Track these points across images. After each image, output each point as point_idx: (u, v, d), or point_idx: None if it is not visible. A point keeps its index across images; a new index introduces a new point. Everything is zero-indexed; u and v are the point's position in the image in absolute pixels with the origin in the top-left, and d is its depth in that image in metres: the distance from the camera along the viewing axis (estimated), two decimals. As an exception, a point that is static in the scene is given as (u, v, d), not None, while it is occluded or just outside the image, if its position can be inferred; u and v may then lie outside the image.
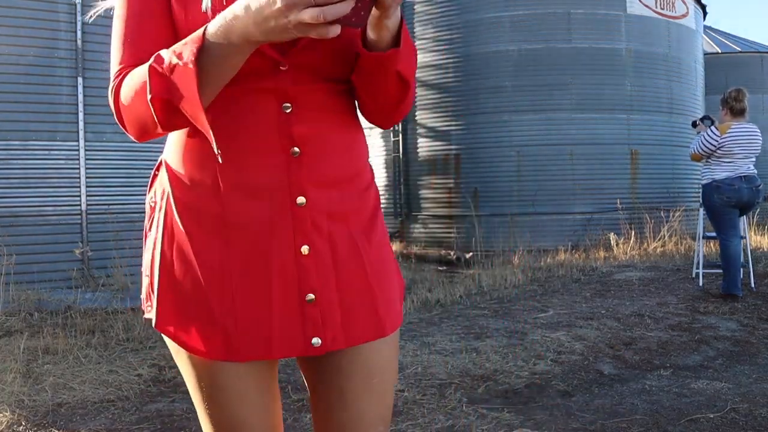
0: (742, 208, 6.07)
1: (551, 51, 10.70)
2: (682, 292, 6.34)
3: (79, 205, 6.55)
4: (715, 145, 5.90)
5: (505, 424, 3.16)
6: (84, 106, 6.55)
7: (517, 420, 3.22)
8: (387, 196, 11.88)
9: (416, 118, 11.43)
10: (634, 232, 9.62)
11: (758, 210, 10.09)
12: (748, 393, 3.59)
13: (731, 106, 6.04)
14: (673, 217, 10.00)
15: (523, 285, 6.93)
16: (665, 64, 11.30)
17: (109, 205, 6.60)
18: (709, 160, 6.03)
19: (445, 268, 9.53)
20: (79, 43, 6.55)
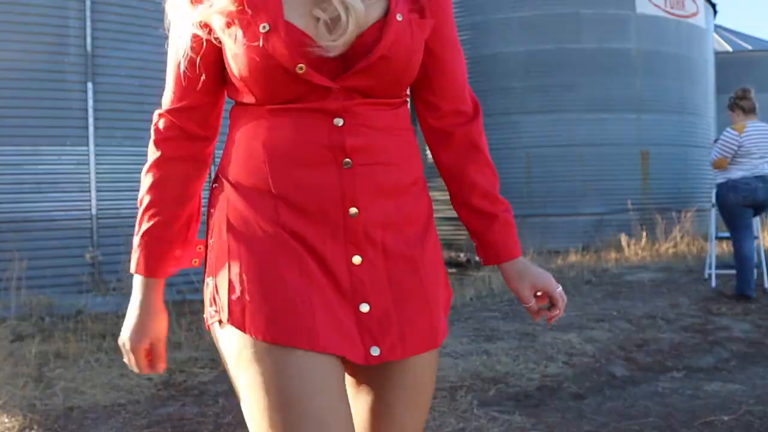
0: (756, 208, 6.04)
1: (560, 52, 10.67)
2: (694, 293, 6.29)
3: (90, 210, 6.57)
4: (737, 144, 5.85)
5: (517, 427, 3.14)
6: (94, 111, 6.56)
7: (529, 423, 3.20)
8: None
9: (425, 120, 11.41)
10: (645, 233, 9.55)
11: (772, 210, 9.99)
12: (763, 394, 3.56)
13: (741, 105, 6.01)
14: (685, 217, 9.93)
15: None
16: (675, 64, 11.23)
17: (119, 209, 6.62)
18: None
19: (455, 270, 9.50)
20: (89, 48, 6.56)
